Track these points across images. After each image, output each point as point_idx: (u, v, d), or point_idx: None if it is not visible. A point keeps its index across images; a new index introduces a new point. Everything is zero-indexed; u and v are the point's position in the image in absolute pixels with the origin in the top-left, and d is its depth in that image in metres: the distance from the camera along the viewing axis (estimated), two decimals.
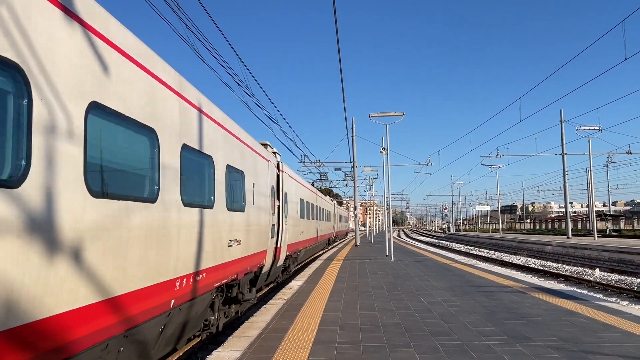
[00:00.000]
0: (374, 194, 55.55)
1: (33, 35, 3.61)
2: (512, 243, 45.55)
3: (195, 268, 6.80)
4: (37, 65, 3.62)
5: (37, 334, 3.56)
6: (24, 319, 3.42)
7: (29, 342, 3.49)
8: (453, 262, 18.70)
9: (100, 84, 4.51)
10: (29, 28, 3.56)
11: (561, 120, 41.13)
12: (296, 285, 11.91)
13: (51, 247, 3.70)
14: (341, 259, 20.86)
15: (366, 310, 8.33)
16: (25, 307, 3.42)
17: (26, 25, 3.54)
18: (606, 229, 61.48)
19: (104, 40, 4.62)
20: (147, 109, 5.46)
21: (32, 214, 3.49)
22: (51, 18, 3.83)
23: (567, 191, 43.32)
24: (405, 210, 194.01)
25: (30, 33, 3.59)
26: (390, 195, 25.01)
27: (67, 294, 3.89)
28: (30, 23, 3.58)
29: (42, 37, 3.71)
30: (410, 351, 5.61)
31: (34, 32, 3.63)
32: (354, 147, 34.78)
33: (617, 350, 5.52)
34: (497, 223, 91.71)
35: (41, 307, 3.58)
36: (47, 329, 3.66)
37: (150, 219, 5.38)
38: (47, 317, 3.65)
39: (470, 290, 10.70)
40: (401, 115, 20.38)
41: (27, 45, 3.53)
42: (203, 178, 7.49)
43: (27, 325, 3.44)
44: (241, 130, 10.31)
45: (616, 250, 27.46)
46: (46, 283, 3.63)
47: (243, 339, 6.36)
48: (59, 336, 3.82)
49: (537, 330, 6.63)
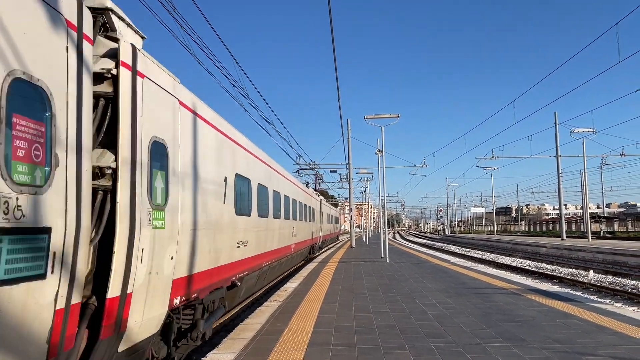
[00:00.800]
0: (369, 196, 55.64)
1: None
2: (506, 245, 45.68)
3: None
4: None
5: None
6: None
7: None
8: (448, 264, 18.73)
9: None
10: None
11: (555, 123, 41.34)
12: (291, 287, 11.89)
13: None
14: (336, 261, 20.85)
15: (361, 312, 8.33)
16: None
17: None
18: (600, 230, 61.77)
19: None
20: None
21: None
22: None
23: (561, 193, 43.51)
24: (400, 212, 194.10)
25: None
26: (386, 197, 25.05)
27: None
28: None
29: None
30: (405, 353, 5.60)
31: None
32: (349, 149, 34.81)
33: (611, 352, 5.54)
34: (491, 225, 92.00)
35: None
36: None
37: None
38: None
39: (465, 292, 10.71)
40: (396, 117, 20.41)
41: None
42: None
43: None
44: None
45: (610, 252, 27.58)
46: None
47: (238, 341, 6.34)
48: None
49: (531, 331, 6.64)
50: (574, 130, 36.51)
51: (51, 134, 3.82)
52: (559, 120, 41.04)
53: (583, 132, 36.84)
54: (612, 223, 68.15)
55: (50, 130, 3.82)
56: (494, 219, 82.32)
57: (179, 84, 6.61)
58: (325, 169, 47.33)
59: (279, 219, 14.71)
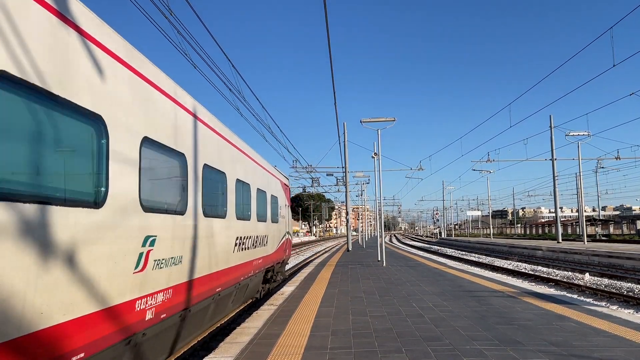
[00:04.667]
0: (366, 199, 55.66)
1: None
2: (502, 248, 45.76)
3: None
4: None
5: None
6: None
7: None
8: (444, 267, 18.75)
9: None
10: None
11: (551, 126, 41.51)
12: (288, 290, 11.88)
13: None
14: (333, 265, 20.85)
15: (358, 315, 8.32)
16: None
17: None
18: (596, 233, 62.03)
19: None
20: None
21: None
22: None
23: (557, 196, 43.66)
24: (397, 215, 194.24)
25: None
26: (382, 200, 25.07)
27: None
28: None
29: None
30: (402, 356, 5.61)
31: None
32: (345, 152, 34.85)
33: (607, 355, 5.56)
34: (488, 228, 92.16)
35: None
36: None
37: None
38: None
39: (462, 295, 10.73)
40: (392, 121, 20.48)
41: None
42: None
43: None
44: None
45: (606, 255, 27.68)
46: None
47: (234, 345, 6.33)
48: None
49: (527, 334, 6.66)
50: (570, 134, 36.65)
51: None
52: (554, 124, 41.21)
53: (578, 135, 36.98)
54: (608, 226, 68.47)
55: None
56: (490, 222, 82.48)
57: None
58: (321, 173, 47.32)
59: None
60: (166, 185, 6.40)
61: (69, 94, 4.17)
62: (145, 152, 5.62)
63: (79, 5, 4.42)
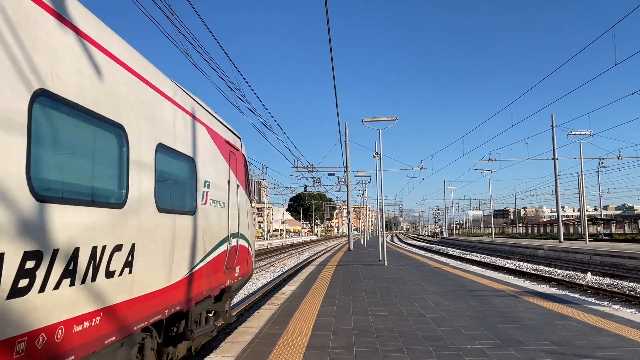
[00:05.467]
0: (367, 199, 55.66)
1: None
2: (504, 247, 45.73)
3: None
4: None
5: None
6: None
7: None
8: (446, 267, 18.74)
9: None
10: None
11: (552, 125, 41.48)
12: (289, 290, 11.88)
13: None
14: (334, 264, 20.85)
15: (359, 315, 8.32)
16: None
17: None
18: (597, 233, 61.88)
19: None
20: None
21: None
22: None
23: (558, 195, 43.61)
24: (398, 214, 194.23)
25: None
26: (384, 199, 25.07)
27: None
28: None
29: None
30: (403, 356, 5.60)
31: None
32: (347, 151, 34.85)
33: (609, 354, 5.55)
34: (489, 227, 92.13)
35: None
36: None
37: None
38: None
39: (463, 294, 10.71)
40: (394, 120, 20.47)
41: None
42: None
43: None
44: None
45: (608, 254, 27.63)
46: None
47: (236, 344, 6.33)
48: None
49: (529, 334, 6.64)
50: (571, 133, 36.60)
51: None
52: (556, 123, 41.22)
53: (580, 135, 36.94)
54: (610, 225, 68.34)
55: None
56: (491, 222, 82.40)
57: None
58: (323, 172, 47.32)
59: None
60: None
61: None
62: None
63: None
